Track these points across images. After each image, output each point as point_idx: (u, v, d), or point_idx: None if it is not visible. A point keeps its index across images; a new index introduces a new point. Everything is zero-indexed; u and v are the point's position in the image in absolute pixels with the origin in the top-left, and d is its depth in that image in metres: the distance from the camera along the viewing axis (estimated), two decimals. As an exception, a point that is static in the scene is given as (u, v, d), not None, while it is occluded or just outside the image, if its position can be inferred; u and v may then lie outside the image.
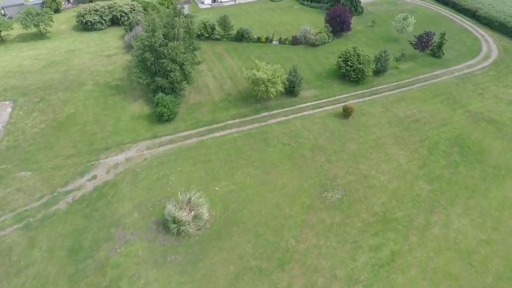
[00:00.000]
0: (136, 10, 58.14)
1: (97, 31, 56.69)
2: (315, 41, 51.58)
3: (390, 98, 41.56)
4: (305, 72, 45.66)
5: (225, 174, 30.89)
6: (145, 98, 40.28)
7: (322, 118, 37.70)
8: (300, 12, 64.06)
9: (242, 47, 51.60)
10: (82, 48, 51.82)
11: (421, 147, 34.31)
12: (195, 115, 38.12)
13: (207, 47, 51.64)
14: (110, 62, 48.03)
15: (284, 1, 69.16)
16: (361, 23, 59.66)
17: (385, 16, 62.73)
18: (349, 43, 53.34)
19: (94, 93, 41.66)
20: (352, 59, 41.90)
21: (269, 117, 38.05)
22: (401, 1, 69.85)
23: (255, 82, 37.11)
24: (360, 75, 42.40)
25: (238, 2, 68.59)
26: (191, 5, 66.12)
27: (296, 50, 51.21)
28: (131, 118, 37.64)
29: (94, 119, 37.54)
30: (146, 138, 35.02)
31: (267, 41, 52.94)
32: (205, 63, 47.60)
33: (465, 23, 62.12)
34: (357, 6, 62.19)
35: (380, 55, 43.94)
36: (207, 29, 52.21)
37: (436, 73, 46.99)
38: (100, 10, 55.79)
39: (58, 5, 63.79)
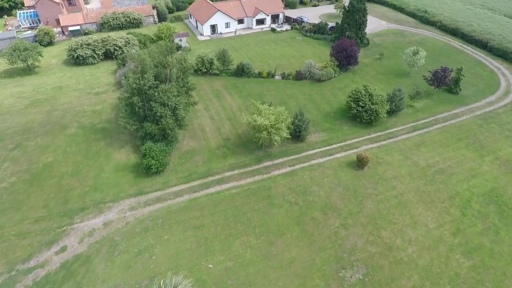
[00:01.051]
0: (131, 43, 55.30)
1: (89, 65, 53.50)
2: (320, 76, 47.95)
3: (408, 142, 37.01)
4: (312, 112, 41.57)
5: (221, 245, 25.70)
6: (133, 144, 35.87)
7: (334, 169, 32.93)
8: (303, 44, 61.23)
9: (242, 83, 47.93)
10: (70, 85, 48.25)
11: (451, 206, 29.25)
12: (188, 165, 33.46)
13: (205, 83, 48.02)
14: (99, 100, 44.19)
15: (286, 32, 66.70)
16: (368, 55, 56.49)
17: (393, 48, 59.74)
18: (357, 78, 49.87)
19: (77, 137, 37.34)
20: (364, 99, 37.82)
21: (272, 167, 33.34)
22: (407, 32, 67.33)
23: (256, 128, 32.77)
24: (374, 116, 38.17)
25: (238, 33, 66.16)
26: (190, 37, 63.57)
27: (300, 86, 47.46)
28: (115, 169, 32.99)
29: (73, 170, 32.91)
30: (130, 195, 30.17)
31: (269, 76, 49.37)
32: (202, 101, 43.66)
33: (477, 54, 58.95)
34: (363, 37, 59.34)
35: (394, 94, 39.91)
36: (205, 64, 48.83)
37: (455, 111, 42.78)
38: (92, 44, 52.89)
39: (52, 38, 61.29)
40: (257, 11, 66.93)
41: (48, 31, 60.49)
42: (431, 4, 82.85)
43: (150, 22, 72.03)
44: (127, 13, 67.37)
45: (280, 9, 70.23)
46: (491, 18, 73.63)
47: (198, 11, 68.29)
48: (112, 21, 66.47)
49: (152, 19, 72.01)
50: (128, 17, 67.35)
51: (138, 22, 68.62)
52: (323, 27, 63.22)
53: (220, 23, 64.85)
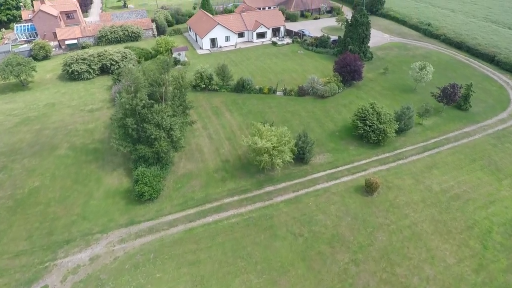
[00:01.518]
0: (128, 58, 53.75)
1: (84, 80, 51.81)
2: (324, 92, 46.09)
3: (418, 164, 34.75)
4: (315, 130, 39.50)
5: (218, 285, 23.18)
6: (126, 167, 33.65)
7: (341, 195, 30.60)
8: (305, 58, 59.71)
9: (242, 99, 46.03)
10: (63, 101, 46.40)
11: (470, 237, 26.80)
12: (184, 190, 31.15)
13: (203, 99, 46.14)
14: (92, 118, 42.21)
15: (288, 46, 65.33)
16: (372, 70, 54.83)
17: (397, 62, 58.17)
18: (361, 94, 48.02)
19: (67, 159, 35.16)
20: (371, 118, 35.77)
21: (274, 193, 31.02)
22: (411, 45, 65.96)
23: (257, 151, 30.61)
24: (382, 136, 36.06)
25: (239, 47, 64.80)
26: (189, 51, 62.15)
27: (303, 102, 45.54)
28: (105, 195, 30.68)
29: (60, 196, 30.60)
30: (121, 225, 27.77)
31: (270, 92, 47.54)
32: (200, 119, 41.68)
33: (484, 68, 57.32)
34: (366, 51, 57.85)
35: (403, 112, 37.89)
36: (204, 80, 47.07)
37: (466, 130, 40.68)
38: (88, 58, 51.32)
39: (47, 52, 59.85)
40: (258, 25, 65.74)
41: (44, 45, 59.12)
42: (434, 17, 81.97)
43: (149, 35, 70.88)
44: (126, 26, 66.22)
45: (281, 22, 69.12)
46: (495, 31, 72.45)
47: (197, 24, 67.15)
48: (110, 35, 65.24)
49: (151, 33, 70.87)
50: (127, 30, 66.17)
51: (136, 35, 67.41)
52: (325, 40, 61.86)
53: (220, 36, 63.56)
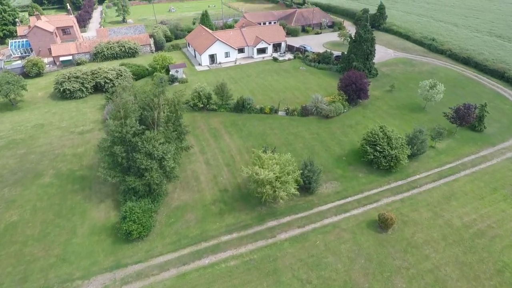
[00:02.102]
0: (123, 75, 51.53)
1: (77, 99, 49.41)
2: (328, 112, 43.54)
3: (435, 194, 31.76)
4: (321, 155, 36.70)
5: None
6: (115, 198, 30.67)
7: (352, 232, 27.49)
8: (307, 74, 57.54)
9: (242, 120, 43.44)
10: (53, 122, 43.81)
11: (502, 284, 23.56)
12: (177, 226, 28.08)
13: (201, 120, 43.56)
14: (82, 141, 39.51)
15: (289, 62, 63.37)
16: (378, 87, 52.50)
17: (404, 79, 55.95)
18: (368, 113, 45.46)
19: (51, 188, 32.22)
20: (382, 143, 33.02)
21: (278, 228, 27.94)
22: (417, 61, 63.98)
23: (258, 183, 27.73)
24: (393, 162, 33.22)
25: (239, 63, 62.79)
26: (187, 68, 60.09)
27: (306, 123, 42.92)
28: (90, 232, 27.59)
29: (40, 233, 27.51)
30: (105, 269, 24.58)
31: (272, 112, 44.99)
32: (197, 142, 38.97)
33: (495, 85, 55.05)
34: (371, 68, 55.74)
35: (415, 135, 35.17)
36: (202, 99, 44.62)
37: (483, 154, 37.87)
38: (81, 76, 49.08)
39: (40, 69, 57.74)
40: (258, 40, 63.96)
41: (37, 62, 57.07)
42: (437, 32, 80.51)
43: (146, 51, 69.11)
44: (122, 42, 64.45)
45: (282, 37, 67.43)
46: (501, 46, 70.68)
47: (196, 40, 65.40)
48: (106, 51, 63.39)
49: (148, 48, 69.11)
50: (123, 46, 64.36)
51: (133, 51, 65.57)
52: (328, 56, 59.87)
53: (219, 52, 61.65)
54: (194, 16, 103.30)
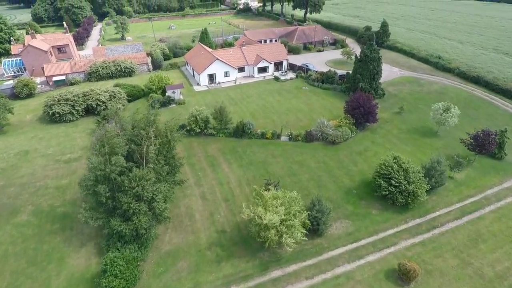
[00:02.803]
0: (117, 97, 48.86)
1: (66, 123, 46.51)
2: (335, 137, 40.43)
3: (459, 236, 28.16)
4: (328, 187, 33.34)
5: None
6: (98, 242, 27.13)
7: (368, 285, 23.78)
8: (311, 95, 54.86)
9: (242, 147, 40.31)
10: (39, 149, 40.73)
11: None
12: (167, 277, 24.40)
13: (198, 147, 40.45)
14: (68, 171, 36.28)
15: (291, 81, 60.89)
16: (386, 109, 49.61)
17: (412, 100, 53.17)
18: (377, 138, 42.34)
19: (27, 229, 28.73)
20: (398, 177, 29.69)
21: (283, 280, 24.24)
22: (424, 80, 61.46)
23: (261, 226, 24.27)
24: (411, 198, 29.81)
25: (239, 83, 60.32)
26: (185, 88, 57.53)
27: (312, 150, 39.74)
28: (66, 285, 23.90)
29: (8, 287, 23.85)
30: (79, 336, 20.84)
31: (274, 137, 41.92)
32: (193, 172, 35.73)
33: (508, 106, 52.24)
34: (377, 88, 53.09)
35: (432, 167, 31.88)
36: (199, 123, 41.67)
37: (506, 185, 34.45)
38: (72, 99, 46.36)
39: (31, 90, 55.22)
40: (259, 59, 61.73)
41: (28, 83, 54.61)
42: (442, 49, 78.59)
43: (143, 70, 66.89)
44: (118, 61, 62.26)
45: (283, 56, 65.27)
46: (510, 64, 68.40)
47: (195, 59, 63.22)
48: (101, 70, 61.10)
49: (146, 67, 66.92)
50: (119, 66, 62.12)
51: (130, 71, 63.28)
52: (332, 76, 57.39)
53: (218, 72, 59.25)
54: (194, 33, 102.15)
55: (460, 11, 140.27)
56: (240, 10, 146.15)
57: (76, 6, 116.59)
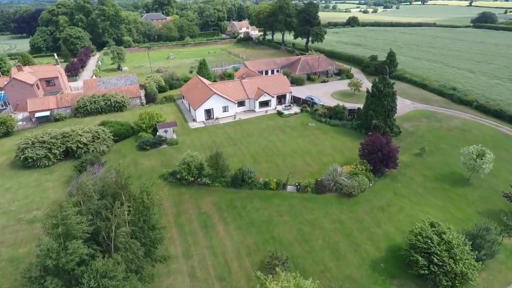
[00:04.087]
0: (101, 138, 43.42)
1: (41, 168, 40.70)
2: (351, 189, 34.25)
3: (531, 337, 21.19)
4: (349, 258, 26.71)
5: None
6: None
7: None
8: (318, 133, 49.38)
9: (242, 200, 34.09)
10: (1, 203, 34.54)
11: None
12: None
13: (189, 200, 34.24)
14: (29, 235, 29.86)
15: (296, 116, 55.79)
16: (404, 150, 43.70)
17: (432, 138, 47.51)
18: (400, 188, 36.14)
19: (-41, 326, 21.94)
20: (440, 252, 23.17)
21: None
22: (441, 114, 56.27)
23: None
24: (459, 280, 23.10)
25: (238, 118, 55.22)
26: (180, 124, 52.32)
27: (324, 205, 33.43)
28: None
29: None
30: None
31: (279, 188, 35.79)
32: (182, 236, 29.26)
33: (541, 145, 46.39)
34: (392, 126, 47.67)
35: (480, 235, 25.45)
36: (192, 171, 35.77)
37: None
38: (48, 141, 40.87)
39: (9, 128, 50.06)
40: (261, 93, 57.08)
41: (5, 120, 49.56)
42: (454, 79, 74.45)
43: (136, 103, 62.25)
44: (108, 95, 57.67)
45: (286, 88, 60.76)
46: (531, 95, 63.69)
47: (191, 93, 58.65)
48: (89, 105, 56.36)
49: (138, 101, 62.31)
50: (109, 100, 57.46)
51: (121, 105, 58.55)
52: (341, 111, 52.24)
53: (216, 107, 54.35)
54: (193, 63, 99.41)
55: (462, 39, 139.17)
56: (241, 39, 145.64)
57: (74, 36, 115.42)
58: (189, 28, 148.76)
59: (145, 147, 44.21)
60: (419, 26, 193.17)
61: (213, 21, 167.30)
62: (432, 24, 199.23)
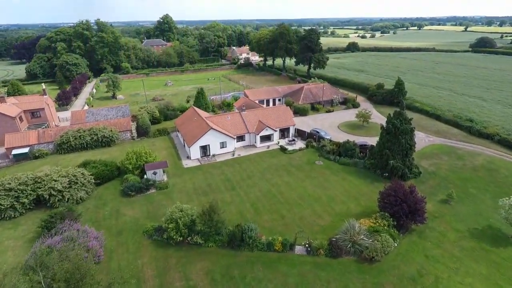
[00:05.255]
0: (79, 182, 37.85)
1: (5, 220, 34.78)
2: (373, 252, 28.13)
3: None
4: None
5: None
6: None
7: None
8: (327, 173, 43.83)
9: (240, 267, 27.88)
10: None
11: None
12: None
13: (175, 267, 28.01)
14: (-30, 321, 23.45)
15: (301, 152, 50.49)
16: (428, 195, 37.54)
17: (458, 180, 41.84)
18: (431, 250, 29.97)
19: None
20: None
21: None
22: (461, 149, 50.95)
23: None
24: None
25: (238, 155, 49.90)
26: (172, 163, 46.95)
27: (341, 274, 27.18)
28: None
29: None
30: None
31: (285, 249, 29.68)
32: (163, 323, 22.87)
33: None
34: (411, 166, 42.19)
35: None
36: (181, 230, 29.84)
37: None
38: (16, 188, 35.27)
39: (-20, 168, 44.68)
40: (262, 126, 52.17)
41: (-24, 160, 44.26)
42: (467, 108, 70.06)
43: (126, 137, 57.25)
44: (95, 130, 52.76)
45: (290, 121, 56.01)
46: (555, 127, 58.78)
47: (186, 126, 53.79)
48: (73, 141, 51.28)
49: (129, 135, 57.35)
50: (96, 135, 52.48)
51: (108, 140, 53.50)
52: (351, 148, 46.95)
53: (213, 142, 49.21)
54: (191, 90, 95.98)
55: (465, 64, 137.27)
56: (241, 64, 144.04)
57: (71, 63, 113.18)
58: (188, 54, 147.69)
59: (130, 192, 38.55)
60: (419, 51, 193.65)
61: (213, 47, 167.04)
62: (431, 49, 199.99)
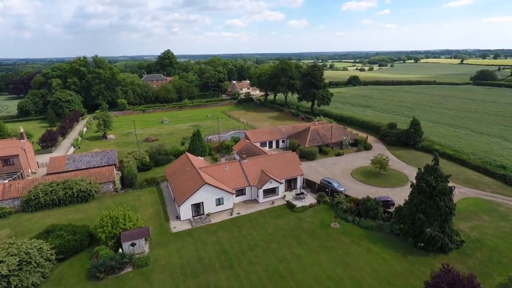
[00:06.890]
0: (33, 262, 29.53)
1: None
2: None
3: None
4: None
5: None
6: None
7: None
8: (347, 241, 35.51)
9: None
10: None
11: None
12: None
13: None
14: None
15: (312, 210, 42.50)
16: (479, 275, 29.09)
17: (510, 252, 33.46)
18: None
19: None
20: None
21: None
22: (503, 206, 42.97)
23: None
24: None
25: (237, 214, 41.87)
26: (157, 227, 38.84)
27: None
28: None
29: None
30: None
31: None
32: None
33: None
34: (451, 233, 33.97)
35: None
36: None
37: None
38: None
39: None
40: (266, 178, 44.67)
41: None
42: (492, 151, 63.14)
43: (109, 189, 49.54)
44: (71, 183, 45.22)
45: (297, 170, 48.67)
46: None
47: (177, 178, 46.29)
48: (43, 197, 43.55)
49: (112, 187, 49.69)
50: (71, 189, 44.87)
51: (86, 194, 45.77)
52: (373, 208, 39.06)
53: (208, 199, 41.45)
54: (188, 129, 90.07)
55: (473, 98, 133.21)
56: (241, 100, 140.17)
57: (64, 99, 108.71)
58: (188, 89, 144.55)
59: (98, 274, 30.04)
60: (420, 84, 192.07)
61: (213, 82, 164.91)
62: (432, 82, 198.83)
